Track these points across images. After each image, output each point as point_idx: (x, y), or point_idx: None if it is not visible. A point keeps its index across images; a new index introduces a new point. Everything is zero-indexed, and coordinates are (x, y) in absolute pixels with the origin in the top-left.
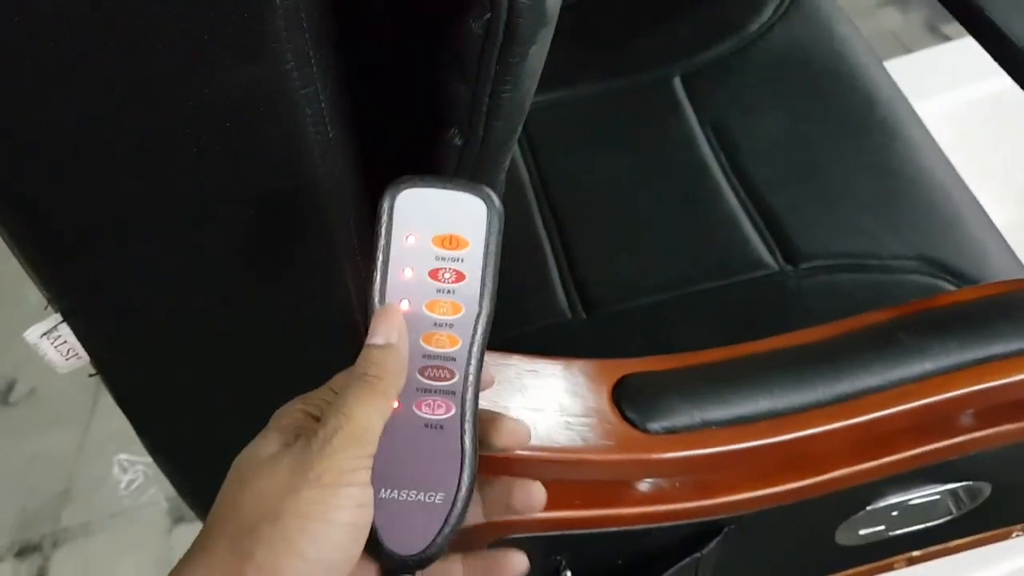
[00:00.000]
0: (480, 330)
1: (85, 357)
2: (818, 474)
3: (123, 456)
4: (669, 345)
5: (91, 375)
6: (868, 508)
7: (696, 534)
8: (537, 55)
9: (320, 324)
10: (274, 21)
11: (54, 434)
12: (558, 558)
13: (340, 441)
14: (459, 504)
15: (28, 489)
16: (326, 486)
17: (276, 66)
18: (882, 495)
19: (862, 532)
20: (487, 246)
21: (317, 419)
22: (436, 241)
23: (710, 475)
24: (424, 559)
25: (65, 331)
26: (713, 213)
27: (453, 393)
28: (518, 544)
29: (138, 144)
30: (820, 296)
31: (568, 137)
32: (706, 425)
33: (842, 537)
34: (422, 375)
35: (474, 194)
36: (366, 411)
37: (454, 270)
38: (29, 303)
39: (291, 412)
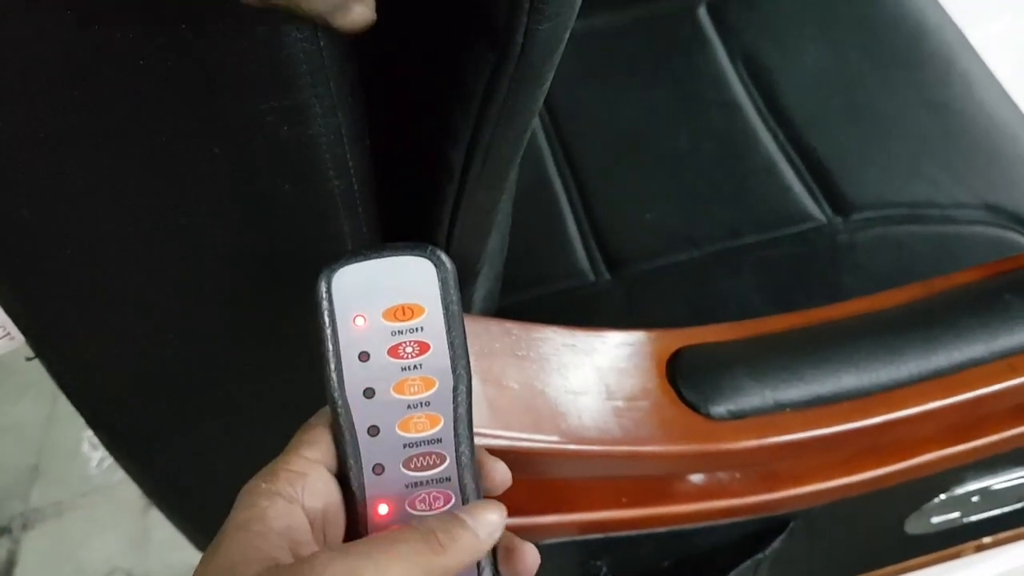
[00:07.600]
0: (462, 400)
1: (19, 337)
2: (903, 459)
3: (92, 432)
4: (711, 308)
5: (28, 359)
6: (943, 496)
7: (756, 532)
8: None
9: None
10: None
11: (20, 407)
12: (598, 563)
13: None
14: None
15: None
16: None
17: None
18: (963, 481)
19: (935, 520)
20: (446, 307)
21: (288, 500)
22: (387, 315)
23: (779, 464)
24: None
25: None
26: (749, 159)
27: (448, 479)
28: (553, 550)
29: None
30: (875, 251)
31: (581, 73)
32: (780, 408)
33: (912, 526)
34: (408, 468)
35: (416, 255)
36: (406, 567)
37: (415, 342)
38: None
39: (255, 504)
